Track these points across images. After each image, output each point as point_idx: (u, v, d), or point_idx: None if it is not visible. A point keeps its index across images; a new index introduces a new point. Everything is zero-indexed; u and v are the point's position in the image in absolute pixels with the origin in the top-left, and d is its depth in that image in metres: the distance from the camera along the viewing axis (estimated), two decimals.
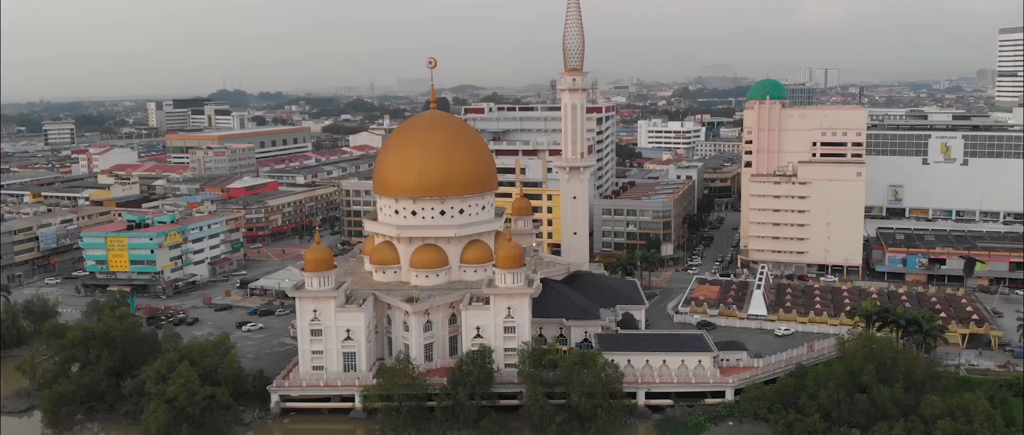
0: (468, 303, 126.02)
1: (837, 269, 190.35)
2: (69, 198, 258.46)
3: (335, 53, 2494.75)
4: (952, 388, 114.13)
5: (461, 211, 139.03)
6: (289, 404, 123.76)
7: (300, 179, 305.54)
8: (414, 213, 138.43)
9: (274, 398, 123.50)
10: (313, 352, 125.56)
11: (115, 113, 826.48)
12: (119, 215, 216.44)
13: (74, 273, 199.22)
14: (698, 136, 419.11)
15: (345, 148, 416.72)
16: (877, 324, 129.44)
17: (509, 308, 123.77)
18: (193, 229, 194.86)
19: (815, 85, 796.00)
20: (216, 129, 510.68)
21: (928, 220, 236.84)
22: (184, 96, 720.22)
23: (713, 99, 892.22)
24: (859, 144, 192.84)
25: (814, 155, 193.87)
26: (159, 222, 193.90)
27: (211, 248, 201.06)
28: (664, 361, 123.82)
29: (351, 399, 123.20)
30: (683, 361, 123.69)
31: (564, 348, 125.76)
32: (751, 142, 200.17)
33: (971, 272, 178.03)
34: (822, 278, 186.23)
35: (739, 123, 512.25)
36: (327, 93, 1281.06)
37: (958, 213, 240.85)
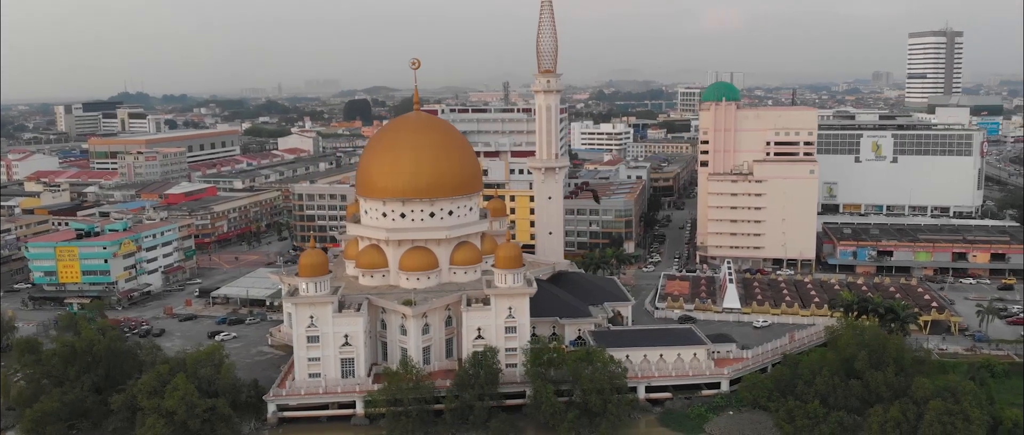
0: (467, 304, 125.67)
1: (792, 263, 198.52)
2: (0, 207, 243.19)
3: (238, 54, 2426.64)
4: (932, 371, 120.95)
5: (450, 212, 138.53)
6: (287, 413, 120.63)
7: (238, 184, 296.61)
8: (403, 215, 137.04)
9: (271, 408, 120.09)
10: (310, 359, 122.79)
11: (12, 118, 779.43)
12: (65, 224, 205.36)
13: (16, 285, 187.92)
14: (628, 137, 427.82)
15: (275, 151, 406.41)
16: (854, 313, 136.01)
17: (510, 308, 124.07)
18: (146, 237, 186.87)
19: None
20: (131, 133, 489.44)
21: (861, 215, 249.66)
22: (82, 99, 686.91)
23: (628, 101, 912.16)
24: (810, 143, 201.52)
25: (768, 154, 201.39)
26: (110, 230, 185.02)
27: (164, 257, 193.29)
28: (661, 355, 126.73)
29: (350, 406, 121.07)
30: (679, 355, 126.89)
31: (566, 346, 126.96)
32: (707, 142, 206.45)
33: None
34: (778, 271, 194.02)
35: (664, 125, 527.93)
36: (233, 95, 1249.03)
37: (889, 208, 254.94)
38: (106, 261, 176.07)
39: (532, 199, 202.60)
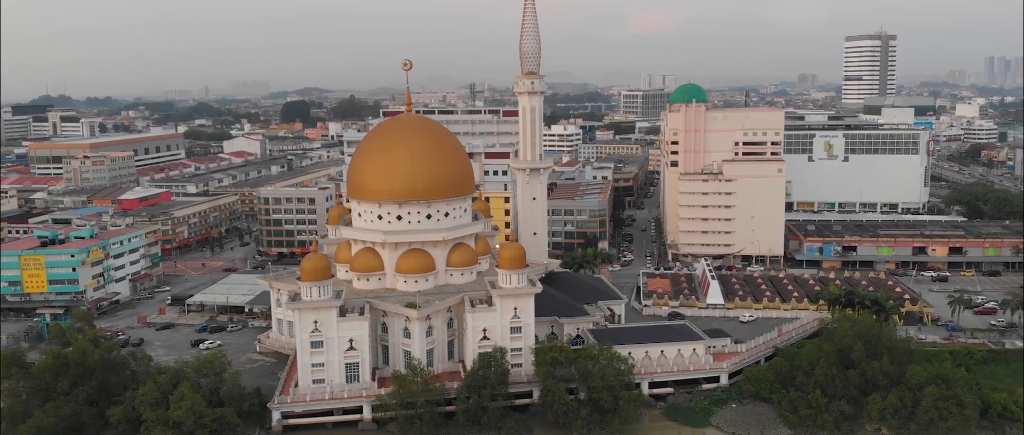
0: (471, 305, 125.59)
1: (760, 259, 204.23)
2: None
3: (160, 56, 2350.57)
4: (921, 360, 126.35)
5: (446, 214, 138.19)
6: (291, 421, 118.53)
7: (191, 188, 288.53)
8: (400, 218, 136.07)
9: (276, 415, 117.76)
10: (313, 365, 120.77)
11: None
12: (22, 231, 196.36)
13: None
14: (578, 139, 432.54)
15: (221, 155, 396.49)
16: (840, 305, 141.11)
17: (516, 308, 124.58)
18: (114, 244, 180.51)
19: (659, 90, 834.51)
20: (64, 137, 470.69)
21: (814, 212, 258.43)
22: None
23: (568, 104, 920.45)
24: (777, 143, 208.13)
25: (736, 154, 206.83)
26: (76, 237, 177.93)
27: (132, 264, 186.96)
28: (662, 351, 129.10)
29: (355, 411, 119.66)
30: (679, 350, 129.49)
31: (576, 346, 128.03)
32: (677, 143, 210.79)
33: None
34: (749, 268, 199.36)
35: (610, 126, 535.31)
36: (158, 97, 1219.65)
37: (841, 205, 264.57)
38: (74, 269, 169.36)
39: (507, 200, 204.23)
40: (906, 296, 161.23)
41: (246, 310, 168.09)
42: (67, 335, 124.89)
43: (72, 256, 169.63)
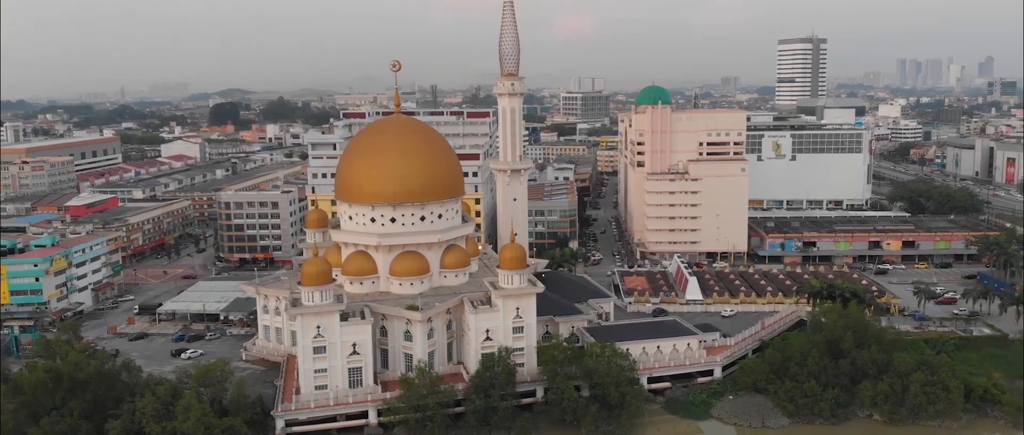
0: (473, 307, 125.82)
1: (724, 255, 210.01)
2: None
3: (71, 56, 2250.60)
4: (902, 348, 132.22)
5: (439, 216, 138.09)
6: (295, 428, 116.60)
7: (137, 193, 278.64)
8: (393, 220, 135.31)
9: (279, 424, 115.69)
10: (316, 371, 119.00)
11: None
12: None
13: None
14: (525, 140, 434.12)
15: (161, 159, 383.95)
16: (821, 297, 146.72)
17: (518, 308, 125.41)
18: (76, 252, 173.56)
19: (597, 93, 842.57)
20: None
21: (763, 209, 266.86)
22: None
23: None
24: (739, 143, 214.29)
25: (701, 154, 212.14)
26: (36, 246, 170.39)
27: (94, 273, 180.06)
28: (658, 347, 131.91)
29: (359, 416, 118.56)
30: (674, 346, 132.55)
31: (578, 344, 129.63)
32: (643, 143, 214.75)
33: None
34: (714, 264, 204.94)
35: (553, 128, 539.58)
36: (73, 100, 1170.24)
37: (788, 202, 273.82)
38: (37, 279, 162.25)
39: (478, 201, 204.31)
40: (873, 288, 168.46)
41: (222, 318, 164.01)
42: (54, 348, 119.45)
43: (35, 266, 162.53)
